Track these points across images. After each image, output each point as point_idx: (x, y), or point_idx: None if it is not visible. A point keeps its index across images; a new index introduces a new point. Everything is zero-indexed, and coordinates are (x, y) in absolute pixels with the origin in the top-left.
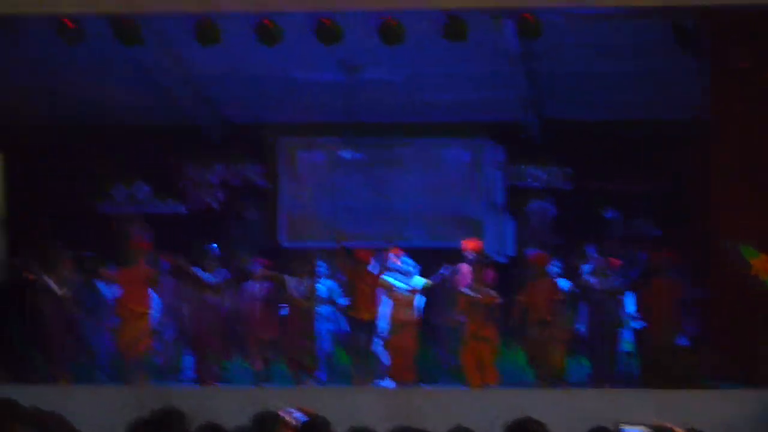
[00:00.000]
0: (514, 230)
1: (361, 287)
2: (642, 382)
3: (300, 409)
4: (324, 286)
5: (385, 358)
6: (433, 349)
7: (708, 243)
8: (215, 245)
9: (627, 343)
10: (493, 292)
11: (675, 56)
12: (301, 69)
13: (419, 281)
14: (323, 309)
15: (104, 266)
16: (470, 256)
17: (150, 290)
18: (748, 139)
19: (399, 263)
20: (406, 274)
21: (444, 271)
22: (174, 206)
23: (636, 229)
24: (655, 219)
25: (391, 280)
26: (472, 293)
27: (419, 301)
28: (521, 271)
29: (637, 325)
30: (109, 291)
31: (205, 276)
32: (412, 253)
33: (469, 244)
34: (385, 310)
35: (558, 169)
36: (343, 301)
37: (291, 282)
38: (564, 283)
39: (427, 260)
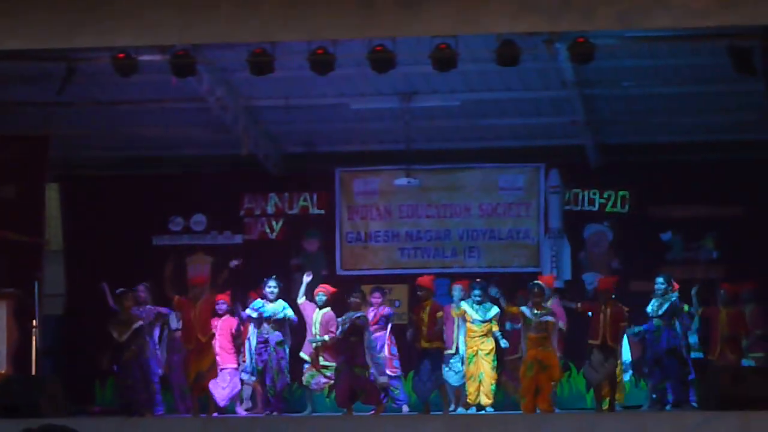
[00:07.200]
0: (571, 255)
1: (421, 315)
2: (702, 405)
3: None
4: (381, 313)
5: (459, 384)
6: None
7: None
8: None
9: (688, 366)
10: (551, 318)
11: (733, 77)
12: (356, 97)
13: (495, 311)
14: (378, 337)
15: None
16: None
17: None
18: None
19: (473, 292)
20: (481, 303)
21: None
22: (231, 237)
23: (694, 252)
24: (715, 242)
25: (468, 308)
26: (532, 317)
27: (495, 329)
28: (580, 295)
29: (698, 351)
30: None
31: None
32: (470, 278)
33: (544, 279)
34: (460, 337)
35: (614, 192)
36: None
37: (347, 313)
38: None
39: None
